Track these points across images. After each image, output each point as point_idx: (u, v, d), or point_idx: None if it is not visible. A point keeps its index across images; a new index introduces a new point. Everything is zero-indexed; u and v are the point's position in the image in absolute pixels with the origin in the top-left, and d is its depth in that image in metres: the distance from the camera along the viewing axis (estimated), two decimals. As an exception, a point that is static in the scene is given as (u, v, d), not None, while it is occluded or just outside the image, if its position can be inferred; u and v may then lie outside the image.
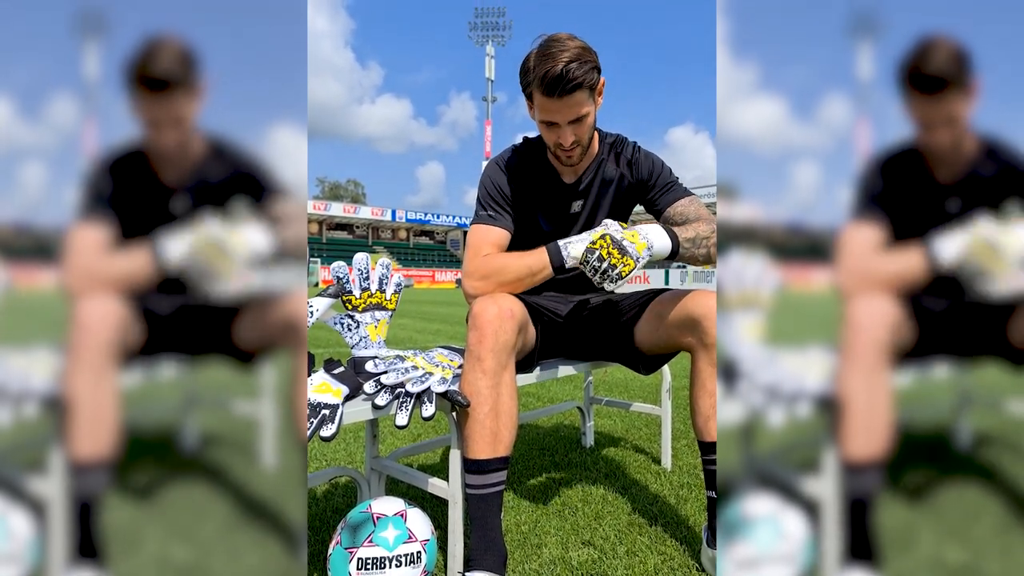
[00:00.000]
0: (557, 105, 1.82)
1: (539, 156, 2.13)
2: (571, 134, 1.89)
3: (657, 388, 4.61)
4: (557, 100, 1.81)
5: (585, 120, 1.89)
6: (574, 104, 1.83)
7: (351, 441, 3.14)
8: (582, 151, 1.98)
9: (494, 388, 1.68)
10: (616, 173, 2.14)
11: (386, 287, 1.97)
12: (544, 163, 2.13)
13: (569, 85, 1.77)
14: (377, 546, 1.52)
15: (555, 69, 1.75)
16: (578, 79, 1.77)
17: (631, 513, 2.17)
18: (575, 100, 1.82)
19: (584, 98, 1.84)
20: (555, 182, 2.13)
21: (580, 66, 1.77)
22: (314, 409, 1.54)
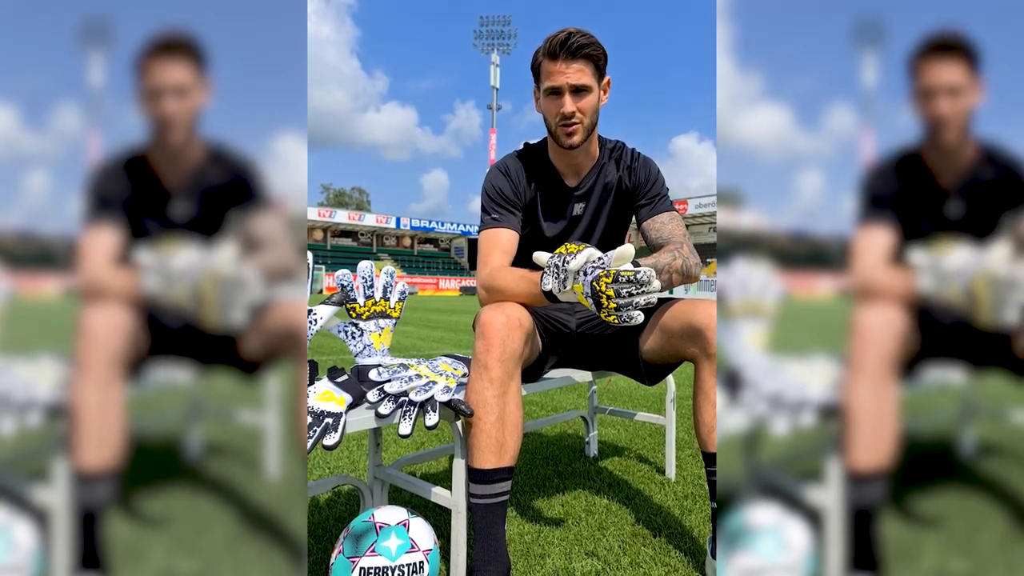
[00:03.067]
0: (561, 67, 1.88)
1: (541, 159, 2.14)
2: (572, 104, 1.92)
3: (661, 398, 4.61)
4: (562, 63, 1.88)
5: (587, 95, 1.93)
6: (577, 70, 1.89)
7: (354, 449, 3.14)
8: (583, 132, 1.98)
9: (501, 397, 1.68)
10: (615, 177, 2.16)
11: (390, 295, 1.97)
12: (546, 165, 2.14)
13: (574, 46, 1.86)
14: (379, 556, 1.51)
15: (561, 34, 1.87)
16: (583, 44, 1.86)
17: (635, 524, 2.16)
18: (578, 66, 1.89)
19: (589, 70, 1.90)
20: (557, 184, 2.13)
21: (586, 36, 1.87)
22: (317, 417, 1.54)
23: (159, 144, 1.72)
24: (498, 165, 2.16)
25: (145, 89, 1.65)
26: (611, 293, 1.49)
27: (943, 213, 1.70)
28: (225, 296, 1.52)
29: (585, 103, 1.93)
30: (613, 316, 1.50)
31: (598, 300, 1.52)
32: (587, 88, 1.91)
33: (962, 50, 1.60)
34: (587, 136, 2.00)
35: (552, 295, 1.69)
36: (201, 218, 1.76)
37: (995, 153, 1.70)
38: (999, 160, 1.70)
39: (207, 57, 1.67)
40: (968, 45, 1.60)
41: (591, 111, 1.96)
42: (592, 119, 1.99)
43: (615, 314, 1.50)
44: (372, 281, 1.95)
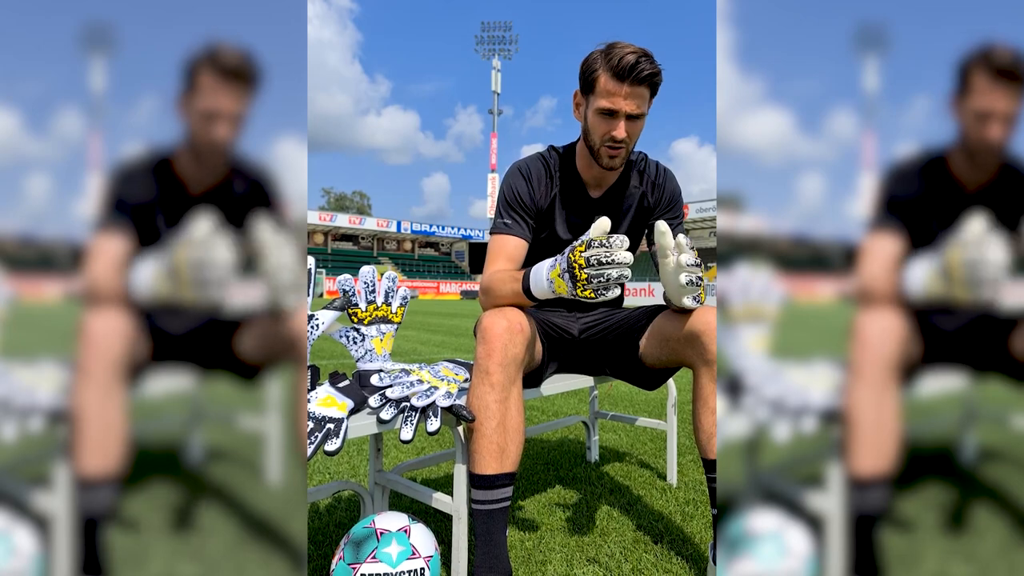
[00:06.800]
0: (624, 91, 1.82)
1: (567, 166, 2.11)
2: (625, 130, 1.88)
3: (662, 402, 4.60)
4: (626, 86, 1.81)
5: (639, 122, 1.90)
6: (639, 96, 1.84)
7: (355, 454, 3.13)
8: (624, 156, 1.95)
9: (502, 403, 1.68)
10: (638, 191, 2.15)
11: (392, 300, 1.97)
12: (572, 174, 2.11)
13: (642, 73, 1.79)
14: (380, 562, 1.51)
15: (630, 56, 1.78)
16: (649, 72, 1.80)
17: (636, 530, 2.15)
18: (640, 93, 1.83)
19: (647, 97, 1.86)
20: (580, 193, 2.11)
21: (653, 64, 1.81)
22: (319, 423, 1.53)
23: (193, 156, 1.71)
24: (520, 166, 2.11)
25: (199, 107, 1.62)
26: (582, 262, 1.52)
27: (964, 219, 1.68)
28: (199, 272, 1.50)
29: (636, 129, 1.90)
30: (589, 290, 1.53)
31: (572, 272, 1.54)
32: (642, 116, 1.88)
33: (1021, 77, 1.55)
34: (626, 159, 2.00)
35: (531, 293, 1.71)
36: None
37: (1017, 163, 1.68)
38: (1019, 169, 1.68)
39: (261, 81, 1.66)
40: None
41: (637, 135, 1.94)
42: (635, 143, 1.97)
43: (588, 286, 1.52)
44: (374, 286, 1.95)
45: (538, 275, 1.68)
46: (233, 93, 1.62)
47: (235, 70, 1.60)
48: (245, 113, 1.66)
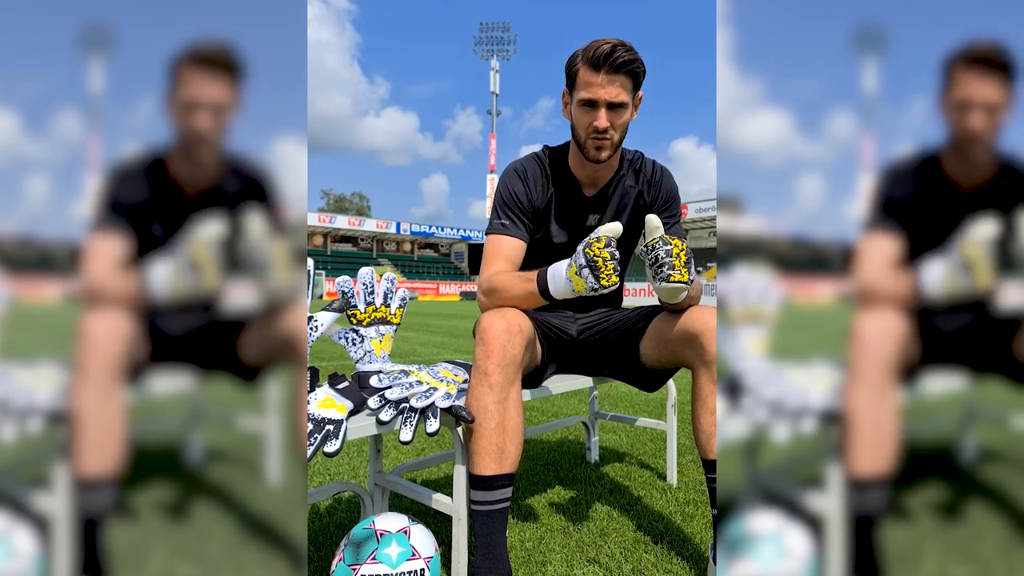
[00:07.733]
0: (601, 79, 1.83)
1: (561, 165, 2.11)
2: (607, 119, 1.88)
3: (662, 403, 4.60)
4: (603, 75, 1.82)
5: (622, 112, 1.89)
6: (617, 84, 1.84)
7: (354, 456, 3.13)
8: (612, 147, 1.95)
9: (501, 403, 1.68)
10: (634, 190, 2.14)
11: (391, 301, 1.97)
12: (565, 173, 2.11)
13: (617, 62, 1.80)
14: (380, 563, 1.51)
15: (606, 46, 1.81)
16: (626, 60, 1.81)
17: (636, 530, 2.15)
18: (619, 80, 1.84)
19: (627, 87, 1.86)
20: (574, 193, 2.11)
21: (630, 51, 1.82)
22: (318, 424, 1.53)
23: (183, 153, 1.71)
24: (516, 167, 2.11)
25: (180, 99, 1.63)
26: (607, 255, 1.58)
27: (960, 220, 1.68)
28: (219, 256, 1.55)
29: (619, 119, 1.90)
30: (615, 276, 1.60)
31: (594, 265, 1.58)
32: (623, 105, 1.88)
33: (1004, 66, 1.56)
34: (614, 151, 1.98)
35: (548, 293, 1.72)
36: None
37: (1013, 162, 1.68)
38: (1016, 168, 1.68)
39: (245, 74, 1.66)
40: (1011, 62, 1.56)
41: (623, 127, 1.94)
42: (622, 134, 1.96)
43: (616, 274, 1.60)
44: (373, 288, 1.95)
45: (557, 274, 1.70)
46: (212, 81, 1.62)
47: (211, 57, 1.61)
48: (229, 104, 1.66)
